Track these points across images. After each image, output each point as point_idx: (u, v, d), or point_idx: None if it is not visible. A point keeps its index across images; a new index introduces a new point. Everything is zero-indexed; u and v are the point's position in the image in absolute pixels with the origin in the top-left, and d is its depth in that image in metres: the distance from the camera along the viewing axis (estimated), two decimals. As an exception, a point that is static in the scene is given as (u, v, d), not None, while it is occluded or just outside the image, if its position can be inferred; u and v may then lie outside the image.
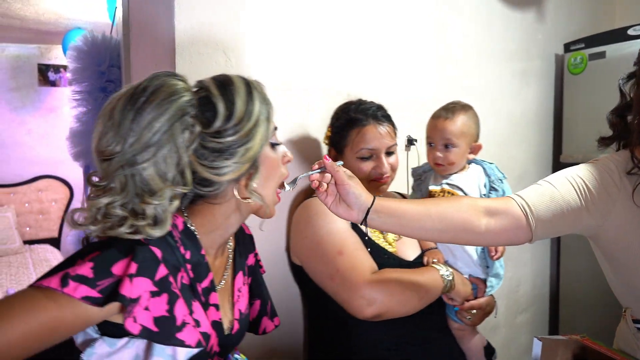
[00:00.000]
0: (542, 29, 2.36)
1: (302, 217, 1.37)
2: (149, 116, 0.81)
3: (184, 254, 0.89)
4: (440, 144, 1.44)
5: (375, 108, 1.41)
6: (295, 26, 1.58)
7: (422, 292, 1.25)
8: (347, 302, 1.21)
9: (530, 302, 2.46)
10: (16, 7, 3.56)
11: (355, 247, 1.27)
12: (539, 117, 2.41)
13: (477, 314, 1.40)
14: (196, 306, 0.88)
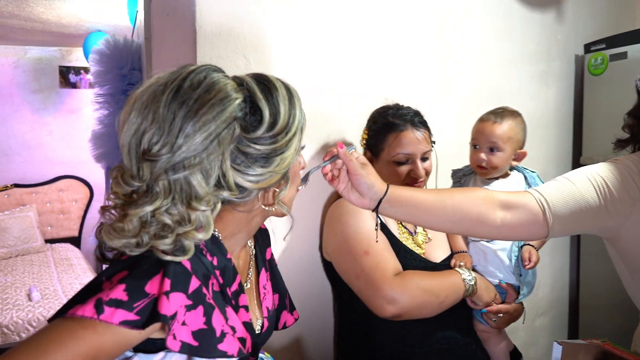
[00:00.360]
0: (562, 30, 2.34)
1: (334, 215, 1.40)
2: (203, 118, 0.75)
3: (212, 260, 0.85)
4: (485, 147, 1.44)
5: (412, 114, 1.43)
6: (317, 29, 1.58)
7: (443, 296, 1.27)
8: (369, 301, 1.25)
9: (550, 305, 2.44)
10: (39, 11, 3.62)
11: (382, 248, 1.30)
12: (559, 118, 2.39)
13: (503, 317, 1.41)
14: (230, 312, 0.86)
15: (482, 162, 1.43)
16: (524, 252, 1.42)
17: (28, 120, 4.83)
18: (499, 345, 1.45)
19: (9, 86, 4.78)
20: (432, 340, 1.32)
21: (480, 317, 1.42)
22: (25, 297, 3.40)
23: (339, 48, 1.61)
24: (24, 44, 4.76)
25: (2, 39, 4.50)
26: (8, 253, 4.38)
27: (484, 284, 1.37)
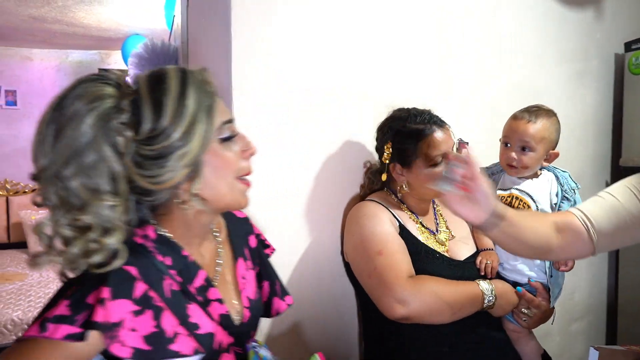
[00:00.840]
0: (601, 28, 2.28)
1: (353, 217, 1.41)
2: (69, 126, 0.74)
3: (163, 261, 0.85)
4: (517, 145, 1.42)
5: (428, 114, 1.41)
6: (317, 30, 1.58)
7: (456, 308, 1.25)
8: (379, 300, 1.26)
9: (586, 310, 2.39)
10: (80, 16, 3.76)
11: (395, 250, 1.30)
12: (597, 119, 2.33)
13: (533, 317, 1.39)
14: (193, 309, 0.86)
15: (512, 161, 1.41)
16: None
17: (69, 122, 5.00)
18: (528, 346, 1.43)
19: (52, 89, 4.97)
20: (461, 338, 1.31)
21: (511, 315, 1.40)
22: (66, 292, 3.52)
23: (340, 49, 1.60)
24: (66, 48, 4.94)
25: (45, 43, 4.68)
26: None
27: (504, 300, 1.34)
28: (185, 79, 0.82)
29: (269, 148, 1.46)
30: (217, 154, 0.85)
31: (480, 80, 1.92)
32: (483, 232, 1.04)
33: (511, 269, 1.44)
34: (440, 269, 1.33)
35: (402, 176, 1.40)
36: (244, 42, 1.43)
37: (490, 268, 1.39)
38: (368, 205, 1.41)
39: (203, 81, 0.84)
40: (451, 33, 1.83)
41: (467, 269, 1.40)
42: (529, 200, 1.42)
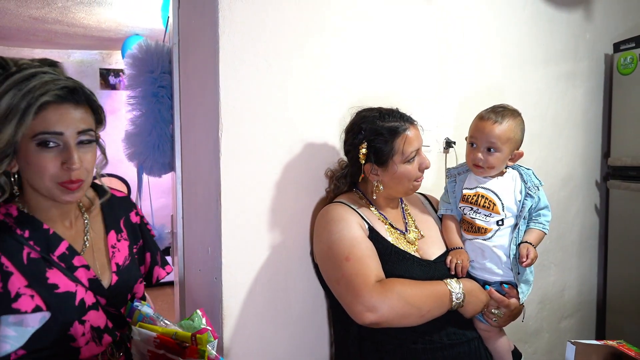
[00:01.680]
0: (591, 28, 2.30)
1: (320, 222, 1.42)
2: None
3: (22, 234, 1.01)
4: (483, 146, 1.44)
5: (398, 113, 1.43)
6: (319, 30, 1.62)
7: (425, 310, 1.26)
8: (348, 307, 1.26)
9: (576, 308, 2.41)
10: (80, 17, 3.79)
11: (363, 255, 1.30)
12: (587, 119, 2.36)
13: (503, 315, 1.41)
14: (53, 272, 1.02)
15: (479, 162, 1.44)
16: (522, 248, 1.41)
17: (70, 121, 5.04)
18: (499, 343, 1.45)
19: (53, 88, 5.01)
20: (435, 336, 1.32)
21: (481, 315, 1.42)
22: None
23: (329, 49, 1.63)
24: (67, 48, 4.98)
25: (47, 43, 4.72)
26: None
27: (473, 299, 1.36)
28: (6, 79, 0.96)
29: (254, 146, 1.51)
30: (30, 155, 0.98)
31: (468, 80, 1.95)
32: None
33: (480, 267, 1.46)
34: (411, 270, 1.35)
35: (377, 176, 1.42)
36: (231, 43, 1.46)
37: (461, 267, 1.41)
38: (336, 208, 1.41)
39: (27, 75, 0.97)
40: (436, 32, 1.86)
41: (437, 268, 1.41)
42: (494, 198, 1.44)
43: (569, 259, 2.34)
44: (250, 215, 1.50)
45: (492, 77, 2.02)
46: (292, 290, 1.58)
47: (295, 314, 1.59)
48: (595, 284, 2.47)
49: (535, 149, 2.14)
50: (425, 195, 1.70)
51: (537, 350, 2.26)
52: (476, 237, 1.46)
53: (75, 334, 1.03)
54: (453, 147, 1.90)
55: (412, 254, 1.41)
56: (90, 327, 1.06)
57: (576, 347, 1.22)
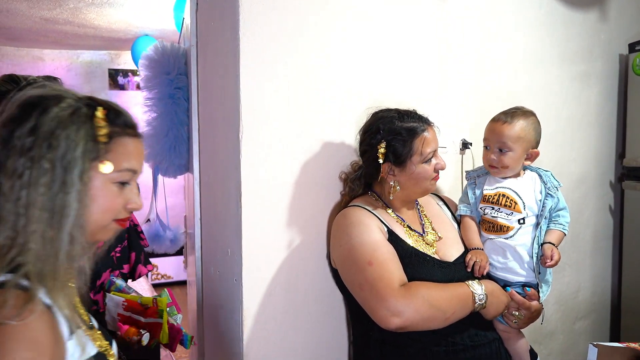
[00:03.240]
0: (605, 29, 2.29)
1: (339, 225, 1.42)
2: None
3: None
4: (495, 147, 1.47)
5: (415, 113, 1.45)
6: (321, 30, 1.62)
7: (449, 312, 1.26)
8: (373, 312, 1.26)
9: (590, 309, 2.40)
10: (91, 17, 3.81)
11: (385, 259, 1.30)
12: (602, 119, 2.35)
13: (523, 317, 1.41)
14: None
15: (493, 162, 1.47)
16: (546, 249, 1.42)
17: (79, 121, 5.07)
18: (518, 344, 1.45)
19: (63, 89, 5.03)
20: (457, 338, 1.33)
21: (501, 316, 1.43)
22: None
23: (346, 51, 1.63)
24: (76, 49, 5.00)
25: (56, 44, 4.74)
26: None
27: (495, 300, 1.36)
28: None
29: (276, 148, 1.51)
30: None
31: (482, 80, 1.95)
32: None
33: (502, 267, 1.46)
34: (432, 272, 1.35)
35: (394, 176, 1.42)
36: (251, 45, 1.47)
37: (479, 267, 1.41)
38: (354, 211, 1.41)
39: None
40: (451, 33, 1.86)
41: (457, 270, 1.41)
42: (515, 197, 1.46)
43: (583, 260, 2.34)
44: (270, 218, 1.51)
45: (508, 78, 2.02)
46: (310, 292, 1.59)
47: (313, 315, 1.60)
48: (610, 285, 2.46)
49: (549, 150, 2.13)
50: (439, 196, 1.70)
51: (551, 352, 2.26)
52: (498, 236, 1.46)
53: None
54: (470, 148, 1.90)
55: (432, 256, 1.41)
56: None
57: (598, 349, 1.22)
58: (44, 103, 0.82)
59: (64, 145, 0.80)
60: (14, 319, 0.72)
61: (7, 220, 0.78)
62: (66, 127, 0.81)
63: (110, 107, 0.89)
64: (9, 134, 0.80)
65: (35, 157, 0.78)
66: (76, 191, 0.81)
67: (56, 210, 0.79)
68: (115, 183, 0.88)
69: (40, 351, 0.74)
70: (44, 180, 0.78)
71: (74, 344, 0.82)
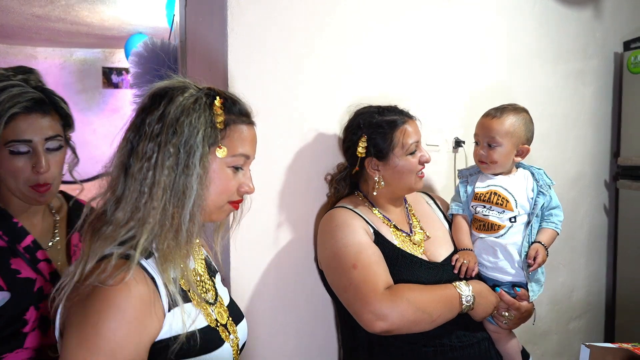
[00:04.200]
0: (600, 27, 2.28)
1: (324, 227, 1.40)
2: None
3: None
4: (484, 142, 1.46)
5: (395, 107, 1.44)
6: (343, 32, 1.61)
7: (435, 315, 1.24)
8: (358, 315, 1.23)
9: (585, 309, 2.39)
10: (83, 15, 3.78)
11: (370, 261, 1.28)
12: (596, 118, 2.33)
13: (513, 317, 1.39)
14: (17, 261, 1.12)
15: (482, 157, 1.47)
16: (531, 250, 1.41)
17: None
18: (509, 345, 1.43)
19: (56, 87, 4.89)
20: (445, 339, 1.31)
21: (491, 318, 1.41)
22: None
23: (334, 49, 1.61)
24: (70, 46, 4.97)
25: (50, 41, 4.71)
26: (54, 246, 4.58)
27: (483, 300, 1.33)
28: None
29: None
30: (4, 161, 1.13)
31: (475, 78, 1.93)
32: None
33: (492, 266, 1.44)
34: (419, 274, 1.33)
35: (378, 171, 1.40)
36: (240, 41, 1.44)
37: (467, 268, 1.39)
38: (339, 213, 1.39)
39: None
40: (444, 30, 1.84)
41: (445, 270, 1.39)
42: (507, 195, 1.45)
43: (578, 260, 2.32)
44: (258, 219, 1.48)
45: (501, 76, 2.00)
46: (300, 293, 1.57)
47: (303, 317, 1.58)
48: (604, 284, 2.45)
49: (543, 149, 2.11)
50: (430, 195, 1.67)
51: (545, 352, 2.24)
52: (489, 234, 1.45)
53: (29, 320, 1.11)
54: (462, 146, 1.88)
55: (419, 257, 1.39)
56: (40, 314, 1.13)
57: (590, 350, 1.20)
58: (170, 93, 0.90)
59: (186, 132, 0.87)
60: (106, 282, 0.79)
61: (131, 197, 0.86)
62: (189, 114, 0.88)
63: (227, 97, 0.96)
64: (141, 121, 0.89)
65: (162, 142, 0.86)
66: (197, 174, 0.88)
67: (178, 190, 0.87)
68: (230, 167, 0.96)
69: (127, 322, 0.79)
70: (168, 163, 0.86)
71: (173, 316, 0.87)
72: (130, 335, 0.79)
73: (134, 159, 0.88)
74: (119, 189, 0.88)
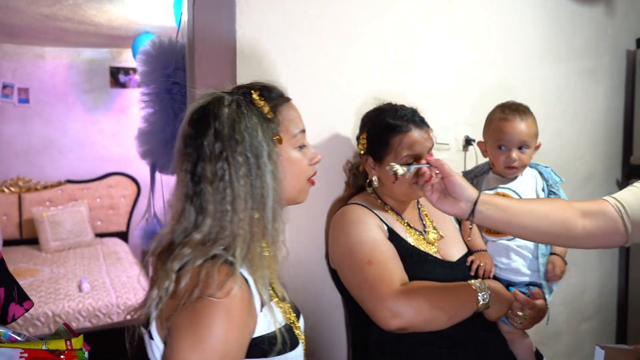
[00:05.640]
0: (612, 24, 2.25)
1: (338, 224, 1.37)
2: None
3: None
4: (515, 146, 1.42)
5: (411, 112, 1.36)
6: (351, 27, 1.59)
7: (452, 312, 1.22)
8: (373, 312, 1.21)
9: (596, 310, 2.36)
10: (91, 14, 3.78)
11: (385, 258, 1.26)
12: (609, 116, 2.30)
13: (528, 318, 1.37)
14: None
15: (514, 162, 1.41)
16: (549, 265, 1.42)
17: (81, 119, 5.04)
18: (523, 345, 1.41)
19: (64, 86, 5.00)
20: (459, 339, 1.28)
21: (505, 317, 1.39)
22: (76, 288, 3.55)
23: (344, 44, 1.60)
24: (77, 46, 4.97)
25: (57, 41, 4.72)
26: (61, 246, 4.59)
27: (498, 300, 1.31)
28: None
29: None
30: None
31: (486, 76, 1.90)
32: (476, 223, 1.05)
33: (506, 268, 1.43)
34: (434, 272, 1.31)
35: (374, 170, 1.38)
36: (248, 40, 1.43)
37: (484, 270, 1.37)
38: (353, 209, 1.36)
39: None
40: (456, 27, 1.82)
41: (460, 270, 1.37)
42: (516, 197, 1.42)
43: (590, 260, 2.29)
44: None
45: (510, 74, 1.97)
46: (310, 291, 1.55)
47: (313, 315, 1.56)
48: (617, 285, 2.42)
49: (555, 147, 2.09)
50: None
51: (557, 353, 2.21)
52: (499, 238, 1.43)
53: None
54: (472, 144, 1.86)
55: (434, 255, 1.37)
56: None
57: (605, 351, 1.18)
58: (211, 110, 0.90)
59: (247, 136, 0.88)
60: (216, 295, 0.79)
61: (214, 219, 0.86)
62: (241, 120, 0.89)
63: (259, 87, 0.97)
64: (195, 148, 0.88)
65: (228, 156, 0.86)
66: (270, 171, 0.89)
67: (257, 194, 0.88)
68: (296, 148, 0.99)
69: (234, 323, 0.81)
70: (242, 172, 0.87)
71: (264, 315, 0.88)
72: (238, 337, 0.82)
73: (204, 185, 0.87)
74: (187, 220, 0.88)
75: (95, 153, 5.13)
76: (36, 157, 4.98)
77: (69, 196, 5.02)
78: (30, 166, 4.96)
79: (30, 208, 4.77)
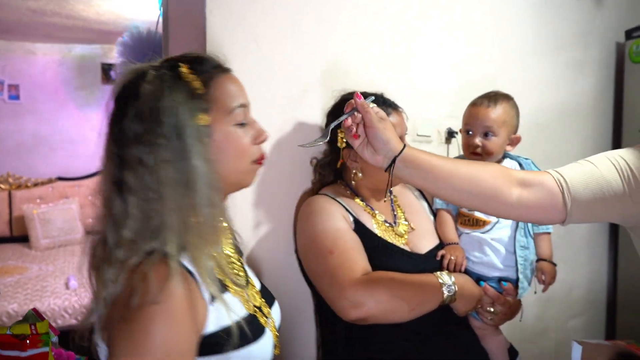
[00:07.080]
0: (601, 15, 2.21)
1: (303, 213, 1.35)
2: None
3: None
4: (480, 132, 1.39)
5: (381, 97, 1.35)
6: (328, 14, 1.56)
7: (414, 303, 1.18)
8: (333, 302, 1.18)
9: (586, 307, 2.32)
10: (79, 8, 3.75)
11: (348, 247, 1.23)
12: (597, 109, 2.26)
13: (499, 314, 1.34)
14: None
15: (476, 148, 1.39)
16: (537, 272, 1.41)
17: (72, 116, 5.02)
18: (495, 342, 1.37)
19: (55, 83, 4.98)
20: (427, 334, 1.25)
21: (475, 313, 1.35)
22: (64, 286, 3.52)
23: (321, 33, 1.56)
24: (68, 42, 4.95)
25: (47, 37, 4.69)
26: (51, 243, 4.57)
27: (467, 293, 1.27)
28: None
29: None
30: None
31: (471, 68, 1.87)
32: (399, 179, 0.99)
33: (478, 261, 1.38)
34: (400, 264, 1.27)
35: (356, 162, 1.33)
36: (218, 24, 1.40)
37: (454, 264, 1.33)
38: (318, 200, 1.34)
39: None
40: (439, 18, 1.78)
41: (429, 262, 1.33)
42: None
43: (577, 256, 2.25)
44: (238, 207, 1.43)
45: (494, 65, 1.93)
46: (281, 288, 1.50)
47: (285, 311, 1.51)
48: (605, 281, 2.38)
49: (542, 141, 2.05)
50: None
51: (543, 351, 2.17)
52: (474, 230, 1.39)
53: None
54: (455, 137, 1.82)
55: (401, 247, 1.33)
56: None
57: (583, 347, 1.16)
58: (131, 86, 0.82)
59: (169, 115, 0.79)
60: (153, 299, 0.72)
61: (140, 209, 0.78)
62: (162, 97, 0.80)
63: (190, 59, 0.88)
64: (119, 130, 0.81)
65: (149, 139, 0.78)
66: (197, 152, 0.80)
67: (185, 179, 0.79)
68: (235, 125, 0.88)
69: (176, 324, 0.74)
70: (164, 156, 0.78)
71: (216, 308, 0.81)
72: (182, 337, 0.75)
73: (127, 171, 0.79)
74: (116, 209, 0.79)
75: (86, 150, 5.09)
76: (27, 154, 4.96)
77: (59, 193, 4.99)
78: (20, 163, 4.94)
79: (21, 205, 4.75)
